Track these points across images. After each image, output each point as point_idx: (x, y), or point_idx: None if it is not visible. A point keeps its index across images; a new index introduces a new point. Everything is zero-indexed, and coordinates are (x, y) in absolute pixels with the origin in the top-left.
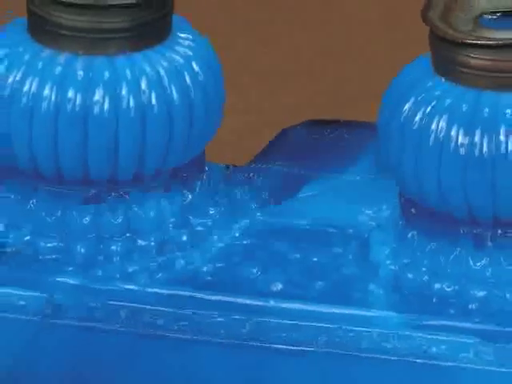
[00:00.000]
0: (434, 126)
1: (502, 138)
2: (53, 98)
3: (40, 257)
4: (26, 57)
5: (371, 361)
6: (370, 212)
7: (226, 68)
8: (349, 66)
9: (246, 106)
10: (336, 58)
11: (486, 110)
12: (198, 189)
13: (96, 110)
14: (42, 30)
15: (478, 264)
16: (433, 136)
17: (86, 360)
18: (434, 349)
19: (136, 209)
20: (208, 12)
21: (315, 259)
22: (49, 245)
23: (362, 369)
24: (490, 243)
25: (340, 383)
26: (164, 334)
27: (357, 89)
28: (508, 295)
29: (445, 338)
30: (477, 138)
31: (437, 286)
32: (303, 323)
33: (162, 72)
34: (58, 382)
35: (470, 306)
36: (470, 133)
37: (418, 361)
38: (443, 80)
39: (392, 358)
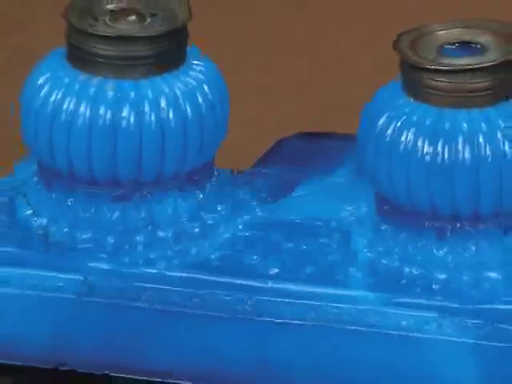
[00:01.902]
0: (403, 138)
1: (460, 147)
2: (87, 114)
3: (76, 246)
4: (65, 80)
5: (352, 332)
6: (351, 208)
7: (231, 88)
8: (333, 87)
9: (247, 120)
10: (323, 80)
11: (447, 124)
12: (208, 189)
13: (123, 124)
14: (78, 57)
15: (440, 252)
16: (402, 146)
17: (114, 332)
18: (403, 322)
19: (156, 206)
20: (216, 42)
21: (305, 247)
22: (84, 236)
23: (345, 339)
24: (449, 234)
25: (326, 351)
26: (179, 310)
27: (340, 106)
28: (464, 278)
29: (412, 313)
30: (439, 148)
31: (406, 269)
32: (295, 301)
33: (178, 92)
34: (90, 351)
35: (433, 287)
36: (433, 143)
37: (390, 332)
38: (411, 99)
39: (369, 330)
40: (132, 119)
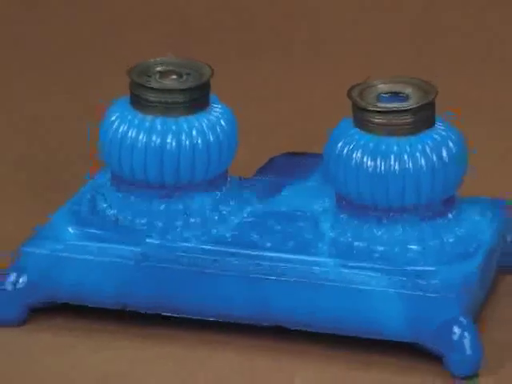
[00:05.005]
0: (354, 156)
1: (391, 163)
2: (144, 140)
3: (136, 228)
4: (129, 117)
5: (321, 286)
6: (320, 203)
7: (239, 123)
8: (307, 122)
9: (250, 144)
10: (301, 118)
11: (383, 147)
12: (223, 190)
13: (167, 147)
14: (137, 102)
15: (379, 232)
16: (353, 161)
17: (162, 286)
18: (354, 279)
19: (189, 201)
20: (230, 92)
21: (289, 229)
22: (141, 221)
23: (316, 290)
24: (385, 221)
25: (302, 298)
26: (205, 270)
27: (312, 135)
28: (395, 249)
29: (361, 273)
30: (378, 163)
31: (356, 244)
32: (282, 265)
33: (204, 126)
34: (144, 299)
35: (374, 255)
36: (374, 159)
37: (346, 286)
38: (359, 130)
39: (332, 284)
40: (173, 144)
